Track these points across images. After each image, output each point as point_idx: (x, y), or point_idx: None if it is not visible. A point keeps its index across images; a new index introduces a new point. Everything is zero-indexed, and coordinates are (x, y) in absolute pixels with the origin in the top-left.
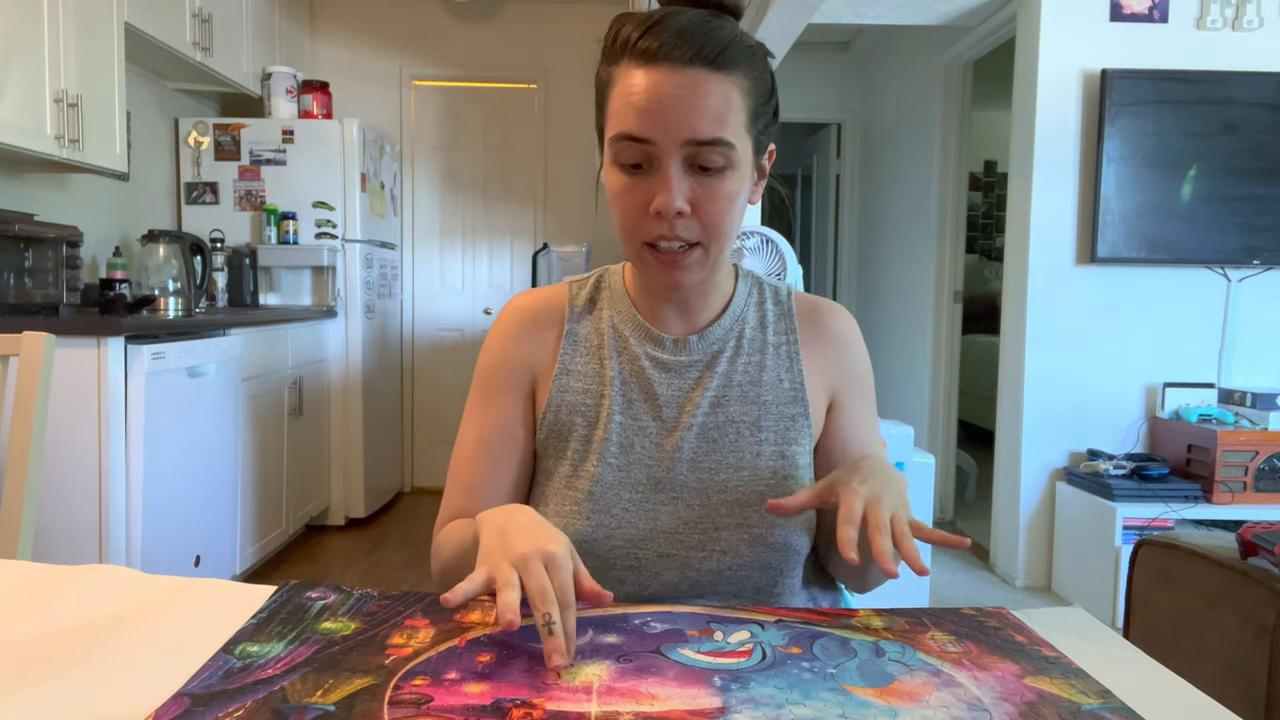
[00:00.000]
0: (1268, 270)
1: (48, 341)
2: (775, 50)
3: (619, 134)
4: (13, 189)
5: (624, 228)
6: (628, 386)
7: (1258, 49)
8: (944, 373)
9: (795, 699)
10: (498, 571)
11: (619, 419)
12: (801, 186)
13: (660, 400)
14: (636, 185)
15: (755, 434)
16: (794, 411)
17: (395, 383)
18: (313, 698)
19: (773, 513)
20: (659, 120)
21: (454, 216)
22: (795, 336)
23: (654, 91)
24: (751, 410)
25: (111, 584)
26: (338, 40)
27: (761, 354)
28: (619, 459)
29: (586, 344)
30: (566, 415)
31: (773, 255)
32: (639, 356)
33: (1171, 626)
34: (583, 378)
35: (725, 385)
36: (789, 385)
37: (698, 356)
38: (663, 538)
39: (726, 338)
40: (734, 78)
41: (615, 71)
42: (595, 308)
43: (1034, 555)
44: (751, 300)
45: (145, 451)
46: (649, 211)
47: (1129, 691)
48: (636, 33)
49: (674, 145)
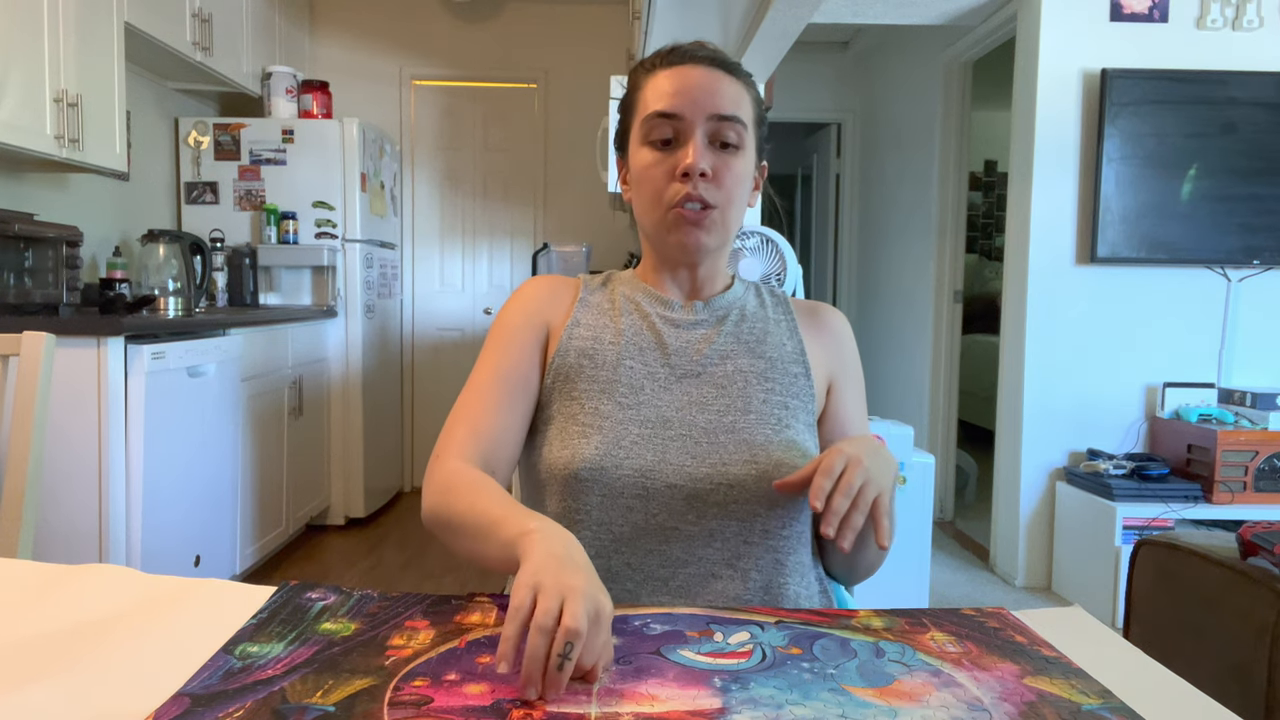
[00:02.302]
0: (1268, 270)
1: (48, 341)
2: (775, 50)
3: (652, 113)
4: (13, 189)
5: (653, 195)
6: (640, 337)
7: (1258, 49)
8: (944, 373)
9: (795, 699)
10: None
11: (629, 363)
12: (801, 186)
13: (670, 349)
14: (665, 158)
15: (763, 383)
16: (797, 370)
17: (395, 383)
18: (313, 698)
19: (780, 491)
20: (687, 100)
21: (454, 216)
22: (793, 320)
23: (683, 80)
24: (759, 364)
25: (111, 584)
26: (338, 40)
27: (764, 324)
28: (628, 399)
29: (599, 307)
30: (575, 359)
31: (773, 255)
32: (650, 314)
33: (1171, 626)
34: (594, 328)
35: (733, 342)
36: (792, 349)
37: (705, 317)
38: (670, 469)
39: (730, 307)
40: (743, 84)
41: (642, 80)
42: (607, 288)
43: (1034, 555)
44: (750, 292)
45: (145, 451)
46: (676, 175)
47: (1129, 691)
48: (659, 57)
49: (700, 118)
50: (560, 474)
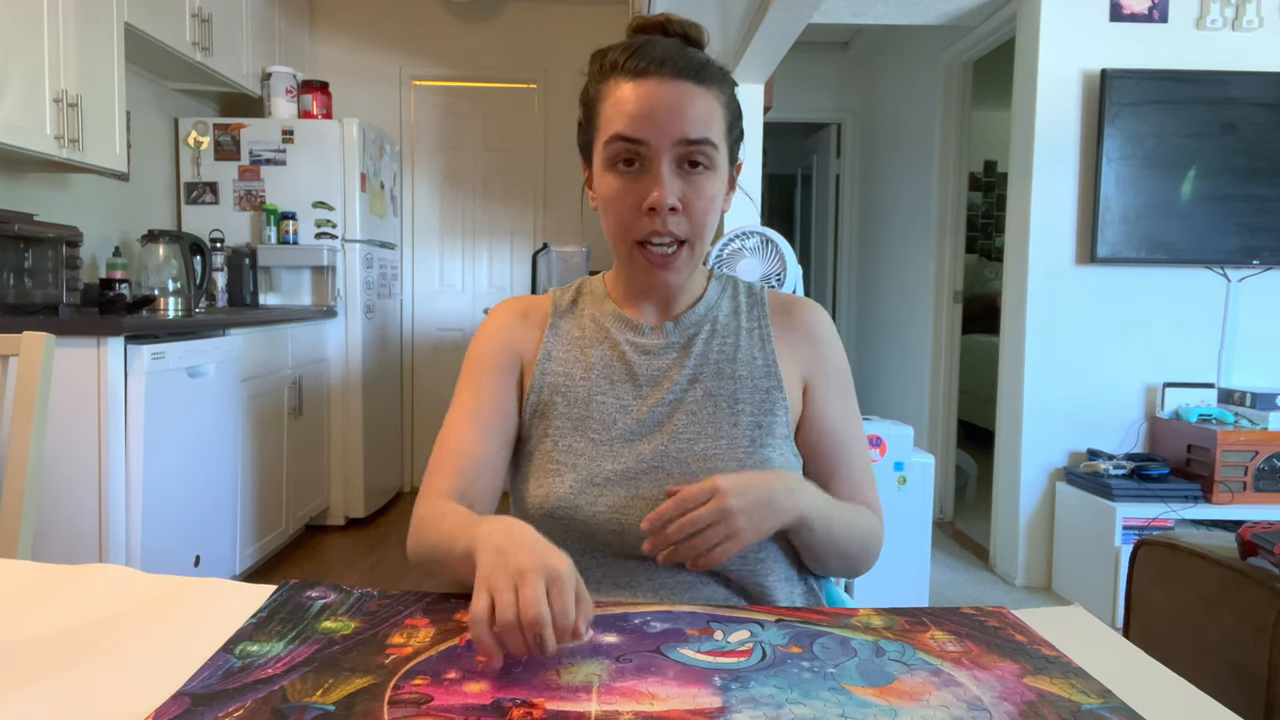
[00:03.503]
0: (1268, 270)
1: (48, 341)
2: (775, 50)
3: (614, 135)
4: (13, 189)
5: (618, 227)
6: (609, 369)
7: (1257, 49)
8: (944, 373)
9: (795, 698)
10: (498, 595)
11: (600, 398)
12: (801, 186)
13: (640, 379)
14: (630, 187)
15: (732, 405)
16: (768, 385)
17: (395, 383)
18: (313, 697)
19: (651, 525)
20: (652, 123)
21: (454, 216)
22: (767, 324)
23: (647, 99)
24: (728, 385)
25: (111, 584)
26: (338, 40)
27: (735, 336)
28: (601, 433)
29: (569, 336)
30: (549, 395)
31: (772, 255)
32: (619, 343)
33: (1171, 626)
34: (565, 362)
35: (701, 364)
36: (762, 362)
37: (674, 339)
38: (644, 504)
39: (701, 323)
40: (713, 91)
41: (604, 88)
42: (577, 308)
43: (1034, 555)
44: (725, 294)
45: (145, 451)
46: (642, 210)
47: (1129, 691)
48: (623, 56)
49: (666, 145)
50: (537, 512)
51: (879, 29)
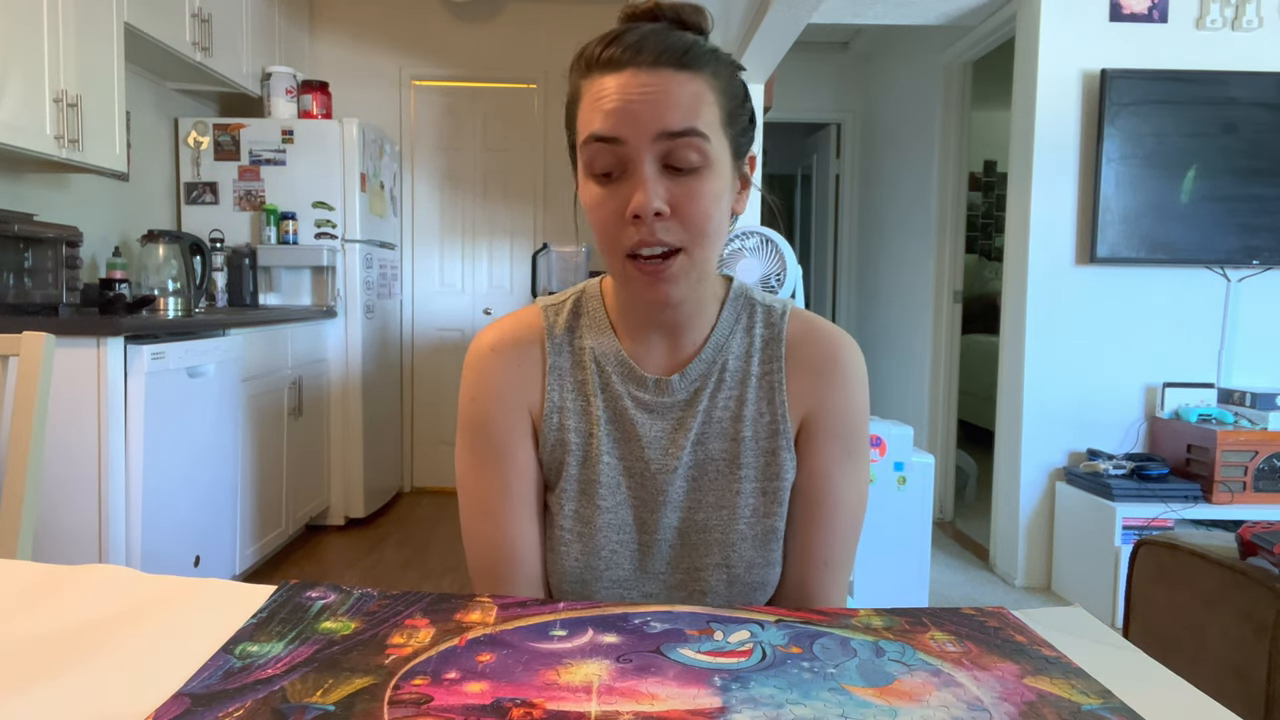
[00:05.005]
0: (1267, 270)
1: (47, 341)
2: (775, 50)
3: (589, 136)
4: (13, 189)
5: (604, 240)
6: (614, 426)
7: (1257, 49)
8: (944, 373)
9: (795, 699)
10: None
11: (607, 459)
12: (801, 186)
13: (644, 441)
14: (612, 194)
15: (734, 471)
16: (774, 445)
17: (395, 383)
18: (313, 697)
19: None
20: (628, 118)
21: (454, 216)
22: (780, 365)
23: (621, 92)
24: (731, 447)
25: (111, 584)
26: (338, 40)
27: (743, 386)
28: (607, 500)
29: (572, 379)
30: (560, 454)
31: (772, 255)
32: (622, 396)
33: (1171, 626)
34: (573, 415)
35: (706, 422)
36: (769, 419)
37: (680, 396)
38: (647, 579)
39: (709, 373)
40: (702, 76)
41: (583, 85)
42: (575, 336)
43: (1034, 555)
44: (739, 326)
45: (145, 451)
46: (626, 218)
47: (1129, 691)
48: (599, 47)
49: (645, 142)
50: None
51: (879, 29)
